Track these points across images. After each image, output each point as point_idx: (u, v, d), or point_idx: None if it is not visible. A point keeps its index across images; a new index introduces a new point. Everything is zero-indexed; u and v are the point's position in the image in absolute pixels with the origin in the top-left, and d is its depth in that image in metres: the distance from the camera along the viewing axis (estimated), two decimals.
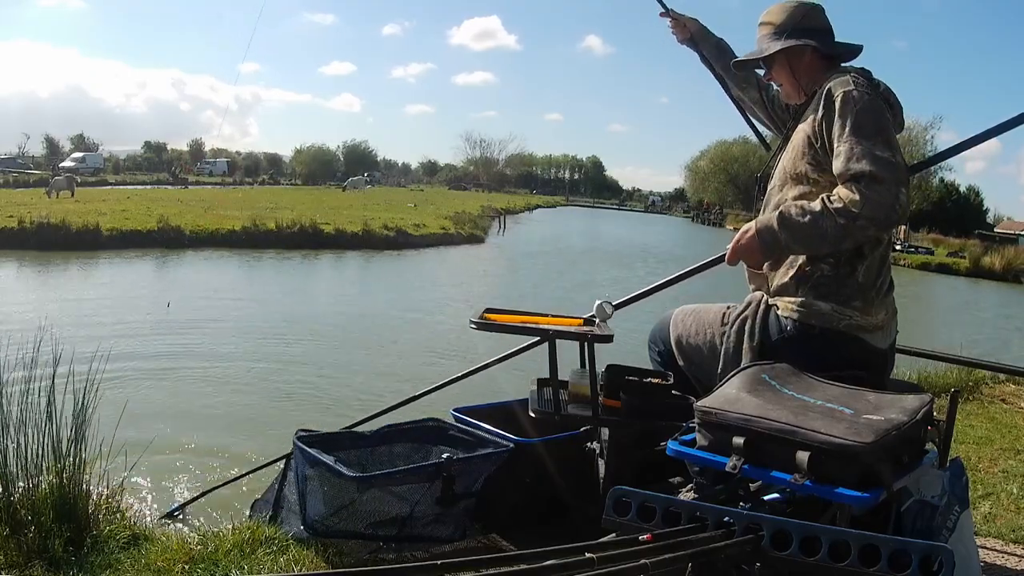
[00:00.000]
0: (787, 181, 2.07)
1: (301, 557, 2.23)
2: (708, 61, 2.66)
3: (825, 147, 1.96)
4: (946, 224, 41.82)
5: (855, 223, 1.81)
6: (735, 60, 2.38)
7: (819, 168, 2.00)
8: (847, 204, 1.81)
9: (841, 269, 2.00)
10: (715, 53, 2.63)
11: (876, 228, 1.84)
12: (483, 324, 2.41)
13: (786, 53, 2.15)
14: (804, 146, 2.03)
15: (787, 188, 2.07)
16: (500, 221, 31.89)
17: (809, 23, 2.14)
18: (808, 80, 2.14)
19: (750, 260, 2.05)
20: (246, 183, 55.20)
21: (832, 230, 1.84)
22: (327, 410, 5.73)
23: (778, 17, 2.17)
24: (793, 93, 2.20)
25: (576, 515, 2.39)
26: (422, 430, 2.70)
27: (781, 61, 2.17)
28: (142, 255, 15.46)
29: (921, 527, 1.73)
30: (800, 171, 2.04)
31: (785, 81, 2.20)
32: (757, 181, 2.28)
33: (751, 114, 2.60)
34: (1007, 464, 3.52)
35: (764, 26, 2.20)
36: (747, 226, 2.03)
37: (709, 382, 2.04)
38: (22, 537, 2.17)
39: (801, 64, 2.15)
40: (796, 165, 2.05)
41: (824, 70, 2.12)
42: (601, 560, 1.08)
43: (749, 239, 1.99)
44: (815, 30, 2.14)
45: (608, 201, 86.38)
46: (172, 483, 4.12)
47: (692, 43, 2.67)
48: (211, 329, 8.71)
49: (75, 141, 66.38)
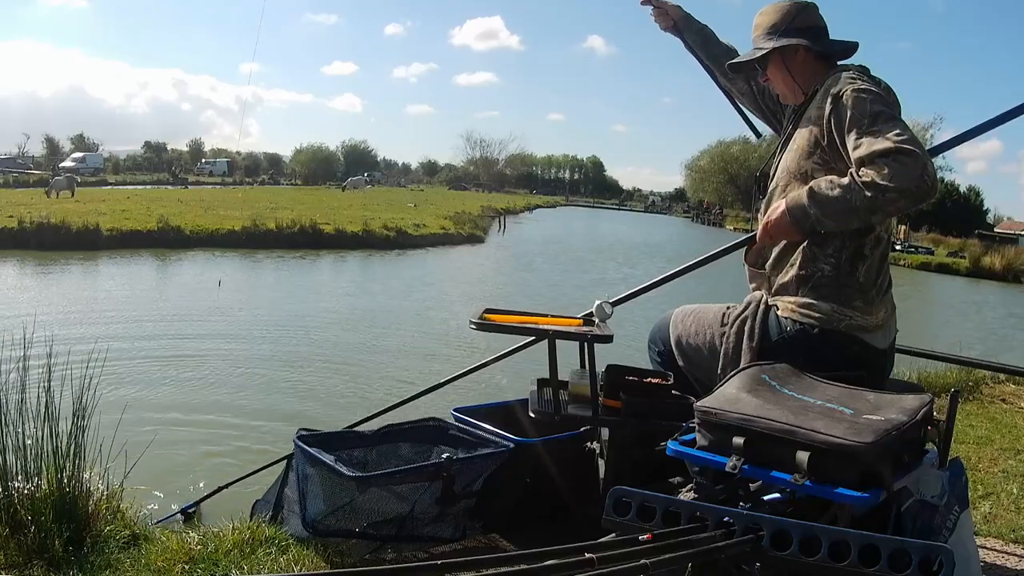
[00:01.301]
0: (791, 180, 2.06)
1: (301, 557, 2.23)
2: (692, 49, 2.62)
3: (834, 145, 1.95)
4: (946, 224, 41.84)
5: (884, 195, 1.78)
6: (729, 63, 2.37)
7: (826, 167, 1.99)
8: (875, 178, 1.78)
9: (842, 269, 1.99)
10: (699, 40, 2.59)
11: (906, 200, 1.79)
12: (483, 324, 2.41)
13: (780, 53, 2.14)
14: (810, 146, 2.02)
15: (790, 188, 2.06)
16: (500, 221, 31.91)
17: (802, 22, 2.13)
18: (805, 79, 2.13)
19: (781, 236, 2.02)
20: (246, 183, 55.17)
21: (862, 203, 1.81)
22: (327, 410, 5.73)
23: (770, 18, 2.17)
24: (789, 93, 2.19)
25: (576, 515, 2.39)
26: (422, 430, 2.70)
27: (775, 61, 2.16)
28: (142, 255, 15.46)
29: (921, 527, 1.73)
30: (805, 171, 2.03)
31: (781, 81, 2.18)
32: (756, 180, 2.27)
33: (741, 104, 2.57)
34: (1007, 464, 3.52)
35: (757, 27, 2.20)
36: (777, 203, 2.01)
37: (709, 382, 2.04)
38: (22, 537, 2.17)
39: (795, 63, 2.13)
40: (801, 165, 2.04)
41: (821, 69, 2.11)
42: (601, 560, 1.08)
43: (779, 215, 1.97)
44: (808, 28, 2.13)
45: (608, 201, 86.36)
46: (172, 483, 4.12)
47: (676, 31, 2.63)
48: (211, 329, 8.71)
49: (75, 141, 66.36)
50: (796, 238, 2.01)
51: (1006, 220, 56.80)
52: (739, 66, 2.30)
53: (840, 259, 2.00)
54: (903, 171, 1.76)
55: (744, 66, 2.28)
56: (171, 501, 3.76)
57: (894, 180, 1.76)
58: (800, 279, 2.03)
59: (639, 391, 2.29)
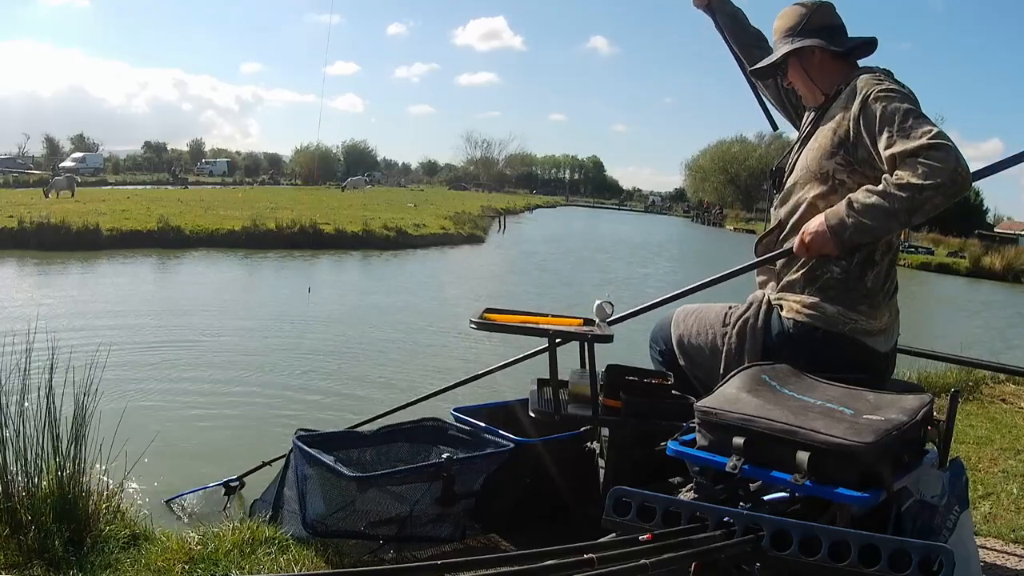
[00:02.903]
0: (810, 179, 2.05)
1: (301, 557, 2.23)
2: (722, 31, 2.59)
3: (862, 145, 1.93)
4: (946, 224, 41.76)
5: (921, 194, 1.77)
6: (750, 70, 2.36)
7: (849, 168, 1.97)
8: (910, 178, 1.77)
9: (852, 273, 1.99)
10: (729, 23, 2.56)
11: (942, 197, 1.77)
12: (483, 324, 2.41)
13: (797, 55, 2.12)
14: (833, 146, 2.00)
15: (809, 187, 2.05)
16: (500, 221, 31.90)
17: (816, 22, 2.11)
18: (824, 80, 2.10)
19: (819, 250, 1.97)
20: (246, 183, 55.18)
21: (900, 205, 1.80)
22: (327, 410, 5.73)
23: (787, 20, 2.16)
24: (809, 95, 2.16)
25: (576, 515, 2.39)
26: (422, 430, 2.70)
27: (794, 64, 2.14)
28: (142, 255, 15.45)
29: (921, 527, 1.73)
30: (826, 171, 2.01)
31: (800, 83, 2.17)
32: (771, 175, 2.25)
33: (764, 95, 2.54)
34: (1007, 464, 3.52)
35: (776, 31, 2.19)
36: (816, 218, 1.97)
37: (710, 382, 2.04)
38: (22, 537, 2.17)
39: (812, 65, 2.11)
40: (822, 164, 2.02)
41: (840, 68, 2.09)
42: (601, 560, 1.08)
43: (818, 229, 1.94)
44: (823, 28, 2.11)
45: (608, 201, 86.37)
46: (172, 483, 4.12)
47: (709, 10, 2.60)
48: (211, 329, 8.71)
49: (75, 141, 66.37)
50: (834, 252, 1.96)
51: (1006, 220, 56.83)
52: (761, 71, 2.29)
53: (851, 263, 1.99)
54: (937, 168, 1.75)
55: (766, 70, 2.27)
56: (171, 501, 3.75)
57: (929, 178, 1.75)
58: (808, 278, 2.03)
59: (639, 391, 2.29)
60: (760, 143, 71.67)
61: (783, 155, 2.27)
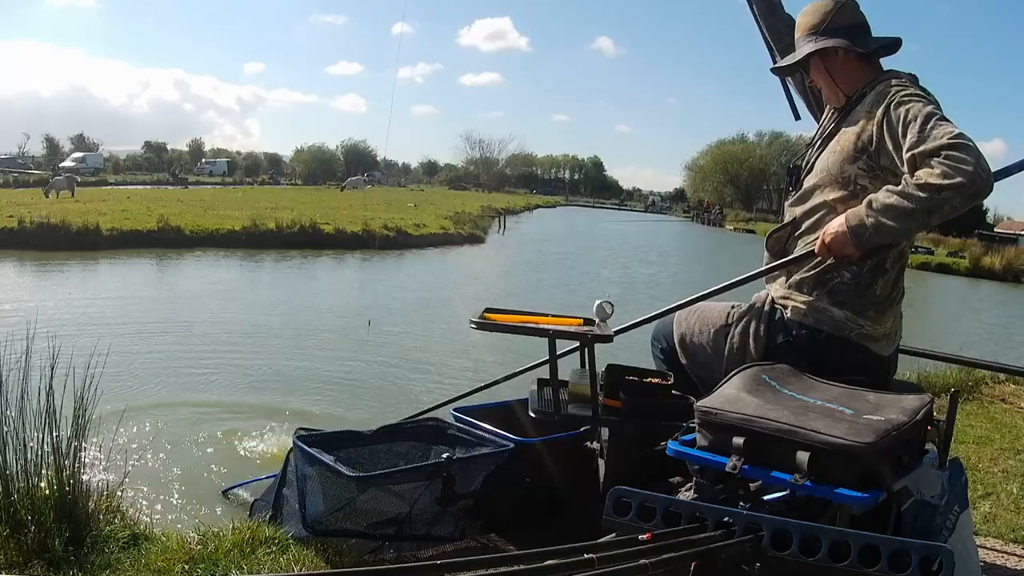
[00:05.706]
0: (830, 183, 2.02)
1: (301, 557, 2.22)
2: (757, 18, 2.52)
3: (884, 150, 1.90)
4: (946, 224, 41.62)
5: (940, 194, 1.73)
6: (773, 68, 2.34)
7: (871, 174, 1.95)
8: (928, 178, 1.74)
9: (862, 280, 1.98)
10: (765, 8, 2.50)
11: (962, 197, 1.73)
12: (483, 324, 2.41)
13: (820, 55, 2.08)
14: (855, 150, 1.97)
15: (828, 190, 2.03)
16: (500, 221, 31.89)
17: (840, 21, 2.07)
18: (847, 81, 2.07)
19: (842, 250, 1.93)
20: (246, 183, 55.17)
21: (919, 204, 1.76)
22: (327, 410, 5.73)
23: (810, 18, 2.12)
24: (831, 95, 2.13)
25: (576, 515, 2.39)
26: (422, 430, 2.70)
27: (816, 64, 2.11)
28: (142, 255, 15.45)
29: (921, 527, 1.73)
30: (847, 175, 1.99)
31: (823, 84, 2.13)
32: (789, 172, 2.23)
33: (790, 84, 2.50)
34: (1007, 464, 3.52)
35: (799, 28, 2.15)
36: (836, 219, 1.95)
37: (712, 381, 2.03)
38: (22, 537, 2.16)
39: (835, 65, 2.07)
40: (843, 168, 2.00)
41: (863, 69, 2.06)
42: (601, 560, 1.08)
43: (839, 230, 1.91)
44: (846, 27, 2.06)
45: (608, 201, 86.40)
46: (172, 483, 4.12)
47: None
48: (211, 328, 8.71)
49: (75, 141, 66.37)
50: (855, 254, 1.92)
51: (1006, 220, 56.78)
52: (783, 69, 2.27)
53: (862, 269, 1.98)
54: (956, 168, 1.72)
55: (788, 69, 2.25)
56: (171, 501, 3.75)
57: (949, 177, 1.72)
58: (818, 280, 2.01)
59: (639, 391, 2.29)
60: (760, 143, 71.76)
61: (801, 153, 2.24)
